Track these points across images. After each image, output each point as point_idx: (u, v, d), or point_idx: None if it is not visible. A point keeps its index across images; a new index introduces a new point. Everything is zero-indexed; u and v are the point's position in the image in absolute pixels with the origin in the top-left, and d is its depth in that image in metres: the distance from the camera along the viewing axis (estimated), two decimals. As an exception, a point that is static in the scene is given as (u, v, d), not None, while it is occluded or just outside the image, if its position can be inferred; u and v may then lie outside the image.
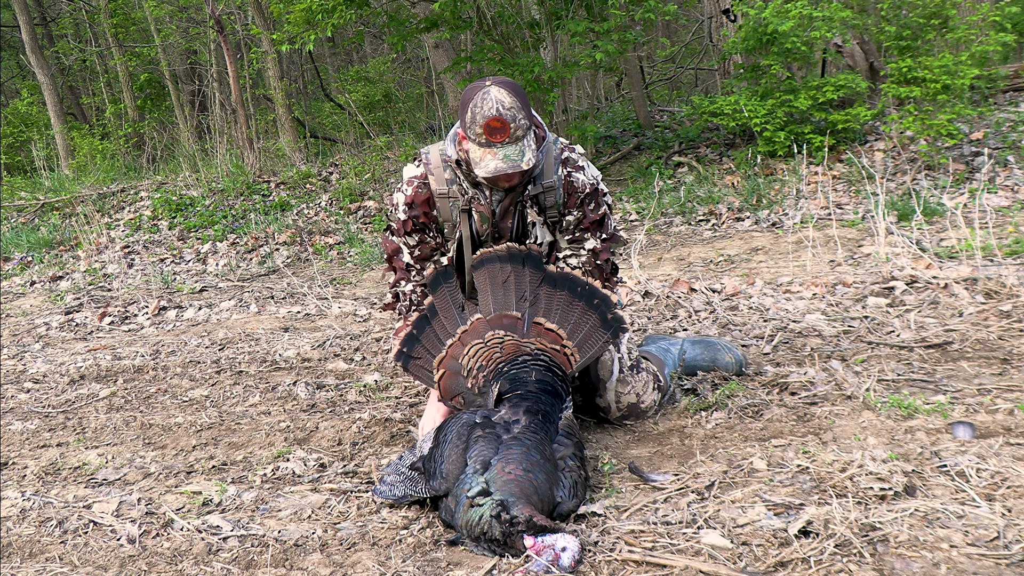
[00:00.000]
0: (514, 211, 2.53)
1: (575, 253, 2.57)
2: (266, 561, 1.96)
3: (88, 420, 3.20)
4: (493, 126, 2.27)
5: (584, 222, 2.54)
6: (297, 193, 8.38)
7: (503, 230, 2.55)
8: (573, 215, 2.54)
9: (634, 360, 2.66)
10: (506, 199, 2.51)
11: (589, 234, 2.55)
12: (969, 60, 5.89)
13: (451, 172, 2.52)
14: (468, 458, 2.05)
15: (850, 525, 1.78)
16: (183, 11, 13.73)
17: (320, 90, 14.28)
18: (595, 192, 2.54)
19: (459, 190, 2.52)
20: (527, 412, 2.17)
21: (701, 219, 6.08)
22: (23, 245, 7.76)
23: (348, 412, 3.03)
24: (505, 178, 2.41)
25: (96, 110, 15.31)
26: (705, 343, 2.99)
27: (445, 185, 2.52)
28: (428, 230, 2.58)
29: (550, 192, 2.50)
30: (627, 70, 9.24)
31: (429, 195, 2.54)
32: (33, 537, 2.18)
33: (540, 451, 2.06)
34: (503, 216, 2.53)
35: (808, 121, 6.67)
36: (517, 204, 2.52)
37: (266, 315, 4.93)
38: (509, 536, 1.85)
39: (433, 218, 2.57)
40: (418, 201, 2.55)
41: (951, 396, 2.52)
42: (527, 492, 1.93)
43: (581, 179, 2.52)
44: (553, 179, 2.49)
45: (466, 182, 2.51)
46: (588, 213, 2.53)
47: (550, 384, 2.30)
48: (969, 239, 4.05)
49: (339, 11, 7.72)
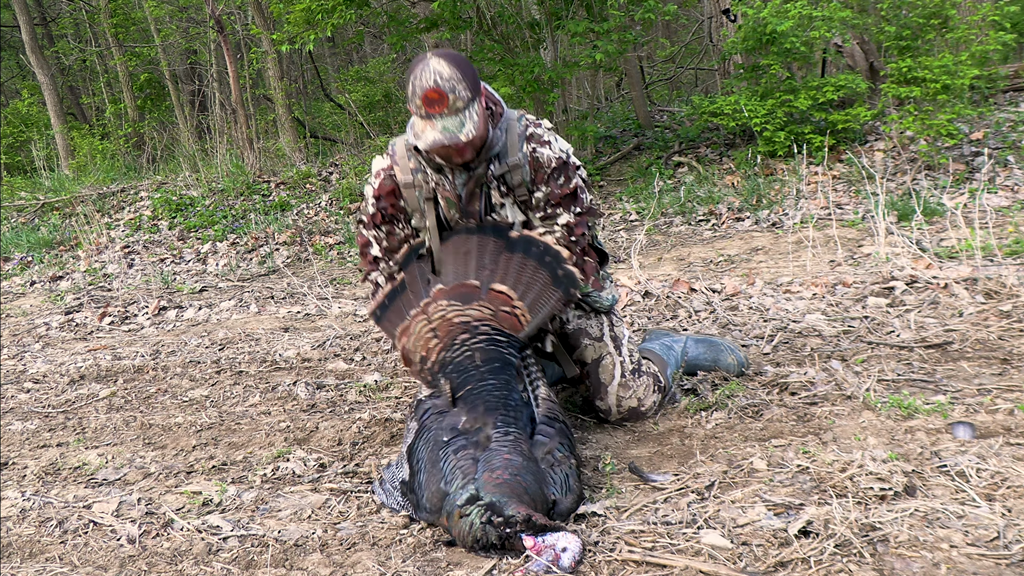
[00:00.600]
0: (480, 193, 2.48)
1: (549, 230, 2.48)
2: (266, 561, 1.96)
3: (88, 420, 3.20)
4: (431, 97, 2.23)
5: (554, 197, 2.46)
6: (297, 193, 8.38)
7: (471, 214, 2.50)
8: (542, 191, 2.46)
9: (636, 363, 2.65)
10: (470, 182, 2.45)
11: (562, 208, 2.47)
12: (969, 60, 5.90)
13: (415, 161, 2.49)
14: (448, 483, 1.99)
15: (850, 525, 1.78)
16: (183, 11, 13.73)
17: (320, 90, 14.28)
18: (564, 165, 2.46)
19: (423, 178, 2.49)
20: (488, 411, 2.12)
21: (701, 219, 6.08)
22: (23, 245, 7.76)
23: (348, 412, 3.03)
24: (446, 151, 2.35)
25: (96, 110, 15.30)
26: (708, 343, 2.98)
27: (410, 175, 2.49)
28: (397, 221, 2.55)
29: (516, 170, 2.44)
30: (627, 70, 9.24)
31: (394, 186, 2.52)
32: (33, 537, 2.18)
33: (520, 452, 2.01)
34: (469, 200, 2.48)
35: (808, 121, 6.67)
36: (482, 186, 2.47)
37: (266, 315, 4.93)
38: (507, 539, 1.82)
39: (401, 209, 2.54)
40: (384, 193, 2.53)
41: (951, 396, 2.52)
42: (518, 493, 1.90)
43: (547, 153, 2.45)
44: (518, 157, 2.43)
45: (429, 167, 2.48)
46: (556, 188, 2.45)
47: (498, 358, 2.24)
48: (969, 239, 4.06)
49: (339, 11, 7.73)
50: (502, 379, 2.21)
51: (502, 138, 2.45)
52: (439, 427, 2.16)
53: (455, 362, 2.26)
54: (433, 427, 2.18)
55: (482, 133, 2.37)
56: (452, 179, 2.47)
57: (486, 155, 2.43)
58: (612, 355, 2.61)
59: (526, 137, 2.46)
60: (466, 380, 2.22)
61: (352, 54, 16.34)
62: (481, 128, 2.35)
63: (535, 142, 2.46)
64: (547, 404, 2.27)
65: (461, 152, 2.36)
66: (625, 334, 2.68)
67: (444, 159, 2.41)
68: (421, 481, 2.08)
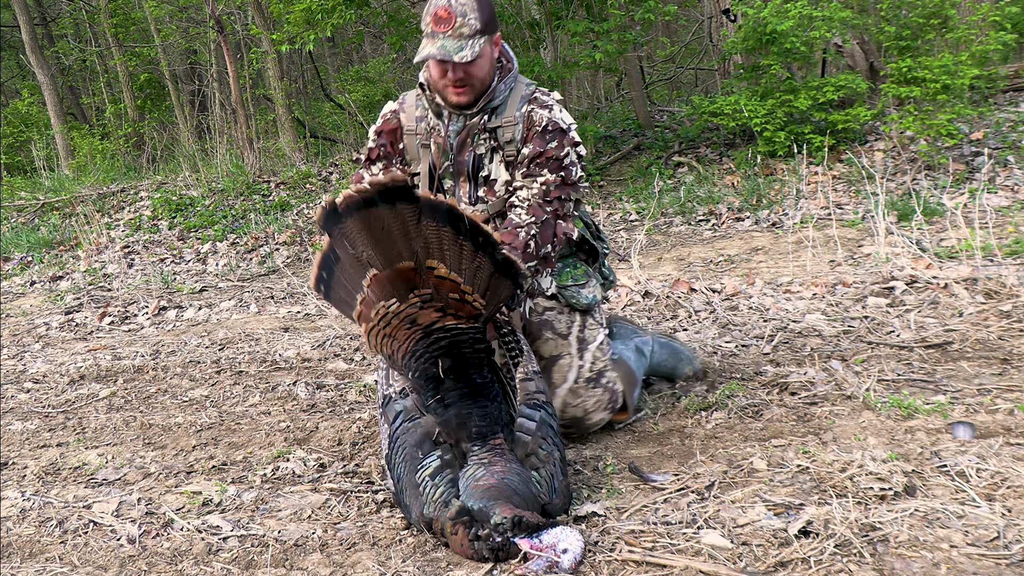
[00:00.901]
0: (471, 143, 2.45)
1: (527, 186, 2.39)
2: (266, 561, 1.96)
3: (88, 420, 3.20)
4: (439, 15, 2.26)
5: (541, 156, 2.38)
6: (297, 193, 8.38)
7: (460, 165, 2.47)
8: (529, 148, 2.40)
9: (595, 373, 2.50)
10: (463, 131, 2.43)
11: (546, 170, 2.38)
12: (969, 60, 5.90)
13: (422, 109, 2.50)
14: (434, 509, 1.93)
15: (850, 525, 1.78)
16: (183, 11, 13.73)
17: (320, 90, 14.27)
18: (559, 131, 2.39)
19: (425, 127, 2.49)
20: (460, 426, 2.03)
21: (701, 219, 6.08)
22: (23, 245, 7.76)
23: (348, 412, 3.03)
24: (439, 69, 2.32)
25: (96, 110, 15.31)
26: (671, 349, 2.89)
27: (414, 122, 2.51)
28: (391, 160, 2.54)
29: (509, 127, 2.41)
30: (627, 70, 9.23)
31: (397, 127, 2.53)
32: (33, 537, 2.18)
33: (501, 455, 1.96)
34: (460, 149, 2.46)
35: (808, 121, 6.67)
36: (474, 138, 2.44)
37: (266, 315, 4.93)
38: (501, 549, 1.78)
39: (399, 151, 2.54)
40: (386, 130, 2.54)
41: (951, 396, 2.52)
42: (506, 495, 1.86)
43: (543, 114, 2.40)
44: (514, 115, 2.42)
45: (430, 109, 2.47)
46: (543, 147, 2.37)
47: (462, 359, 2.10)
48: (969, 239, 4.06)
49: (339, 11, 7.73)
50: (474, 383, 2.10)
51: (504, 93, 2.43)
52: (413, 440, 2.06)
53: (422, 368, 2.13)
54: (407, 441, 2.08)
55: (484, 72, 2.36)
56: (447, 126, 2.45)
57: (485, 103, 2.41)
58: (572, 356, 2.50)
59: (528, 99, 2.44)
60: (434, 391, 2.10)
61: (352, 54, 16.34)
62: (484, 66, 2.34)
63: (535, 104, 2.43)
64: (526, 386, 2.16)
65: (456, 79, 2.32)
66: (596, 339, 2.55)
67: (440, 93, 2.40)
68: (406, 502, 2.03)
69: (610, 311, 3.96)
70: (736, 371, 2.97)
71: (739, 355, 3.16)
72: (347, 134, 11.15)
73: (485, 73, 2.36)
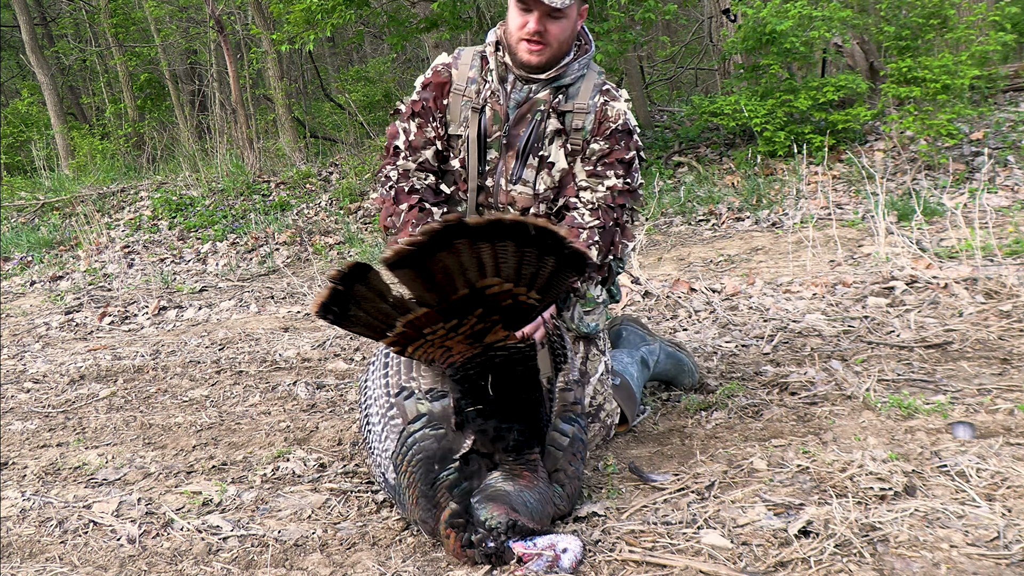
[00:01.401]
0: (531, 119, 2.34)
1: (592, 188, 2.32)
2: (266, 561, 1.96)
3: (88, 420, 3.20)
4: None
5: (610, 156, 2.31)
6: (297, 193, 8.38)
7: (513, 138, 2.35)
8: (600, 144, 2.32)
9: (596, 407, 2.43)
10: (525, 104, 2.33)
11: (612, 171, 2.31)
12: (969, 60, 5.90)
13: (476, 71, 2.38)
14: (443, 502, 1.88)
15: (850, 525, 1.78)
16: (183, 11, 13.74)
17: (320, 90, 14.28)
18: (627, 132, 2.33)
19: (476, 89, 2.37)
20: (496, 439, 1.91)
21: (701, 219, 6.08)
22: (23, 245, 7.76)
23: (348, 412, 3.03)
24: (523, 20, 2.22)
25: (96, 110, 15.31)
26: (676, 360, 2.86)
27: (465, 82, 2.38)
28: (431, 118, 2.40)
29: (580, 114, 2.32)
30: (627, 70, 9.24)
31: (447, 81, 2.39)
32: (33, 537, 2.18)
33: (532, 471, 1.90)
34: (517, 123, 2.34)
35: (808, 121, 6.68)
36: (536, 113, 2.33)
37: (266, 315, 4.93)
38: (495, 554, 1.76)
39: (441, 107, 2.40)
40: (435, 82, 2.40)
41: (951, 396, 2.52)
42: (515, 504, 1.82)
43: (618, 108, 2.34)
44: (587, 103, 2.32)
45: (496, 73, 2.35)
46: (616, 148, 2.32)
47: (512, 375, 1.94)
48: (969, 239, 4.06)
49: (339, 11, 7.73)
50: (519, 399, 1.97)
51: (579, 74, 2.34)
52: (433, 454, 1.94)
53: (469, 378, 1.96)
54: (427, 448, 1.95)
55: (566, 35, 2.26)
56: (508, 94, 2.35)
57: (556, 75, 2.31)
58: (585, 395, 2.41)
59: (601, 89, 2.36)
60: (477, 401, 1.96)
61: (352, 54, 16.35)
62: (567, 29, 2.26)
63: (609, 96, 2.36)
64: (564, 397, 2.08)
65: (535, 31, 2.22)
66: (598, 371, 2.47)
67: (514, 48, 2.29)
68: (414, 509, 1.96)
69: (610, 310, 3.96)
70: (736, 371, 2.97)
71: (739, 355, 3.16)
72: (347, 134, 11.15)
73: (566, 37, 2.26)
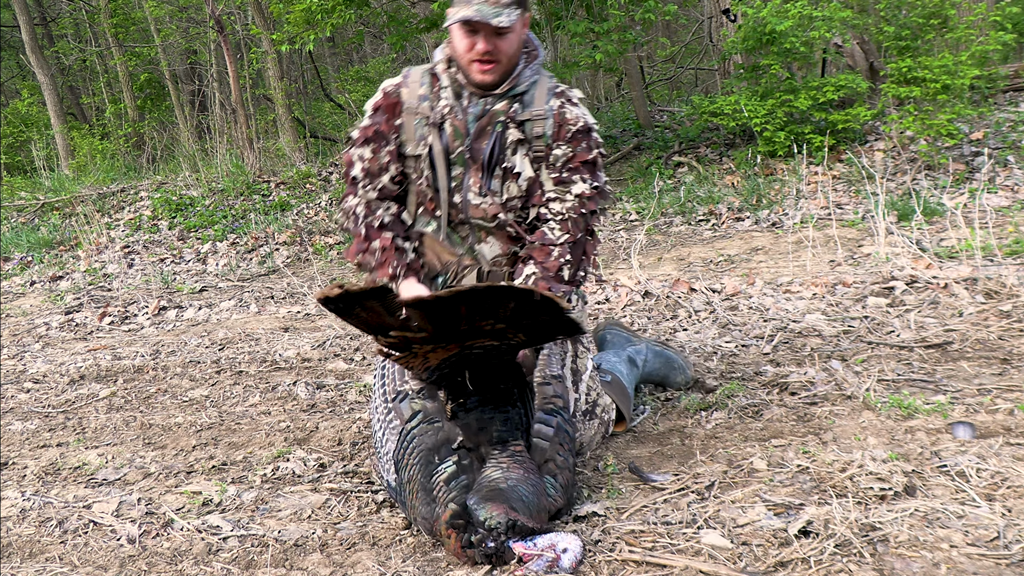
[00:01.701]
0: (492, 132, 2.32)
1: (560, 197, 2.32)
2: (266, 561, 1.96)
3: (88, 420, 3.20)
4: None
5: (574, 160, 2.33)
6: (297, 193, 8.38)
7: (476, 152, 2.33)
8: (562, 149, 2.33)
9: (591, 404, 2.43)
10: (484, 117, 2.32)
11: (578, 176, 2.33)
12: (969, 60, 5.90)
13: (428, 88, 2.36)
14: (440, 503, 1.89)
15: (850, 525, 1.78)
16: (183, 11, 13.74)
17: (320, 90, 14.28)
18: (588, 131, 2.35)
19: (430, 106, 2.36)
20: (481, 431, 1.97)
21: (701, 219, 6.08)
22: (23, 245, 7.76)
23: (348, 412, 3.03)
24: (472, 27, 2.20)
25: (96, 110, 15.31)
26: (665, 358, 2.86)
27: (417, 100, 2.36)
28: (385, 141, 2.39)
29: (539, 121, 2.32)
30: (627, 70, 9.24)
31: (398, 102, 2.38)
32: (33, 537, 2.18)
33: (520, 464, 1.92)
34: (478, 136, 2.33)
35: (808, 121, 6.68)
36: (496, 124, 2.32)
37: (266, 315, 4.93)
38: (495, 554, 1.76)
39: (395, 128, 2.39)
40: (385, 105, 2.41)
41: (951, 396, 2.52)
42: (511, 500, 1.82)
43: (575, 112, 2.34)
44: (544, 109, 2.32)
45: (450, 89, 2.34)
46: (579, 150, 2.33)
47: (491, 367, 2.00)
48: (969, 239, 4.06)
49: (339, 11, 7.74)
50: (497, 389, 2.03)
51: (531, 81, 2.34)
52: (432, 444, 2.00)
53: (446, 377, 2.04)
54: (425, 443, 2.01)
55: (513, 49, 2.25)
56: (465, 108, 2.34)
57: (510, 87, 2.31)
58: (568, 390, 2.40)
59: (555, 92, 2.36)
60: (458, 394, 2.04)
61: (352, 54, 16.35)
62: (515, 43, 2.25)
63: (565, 98, 2.36)
64: (543, 391, 2.14)
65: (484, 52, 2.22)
66: (588, 368, 2.47)
67: (465, 69, 2.28)
68: (414, 504, 1.98)
69: (609, 311, 3.96)
70: (736, 371, 2.97)
71: (739, 355, 3.16)
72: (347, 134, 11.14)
73: (514, 51, 2.26)
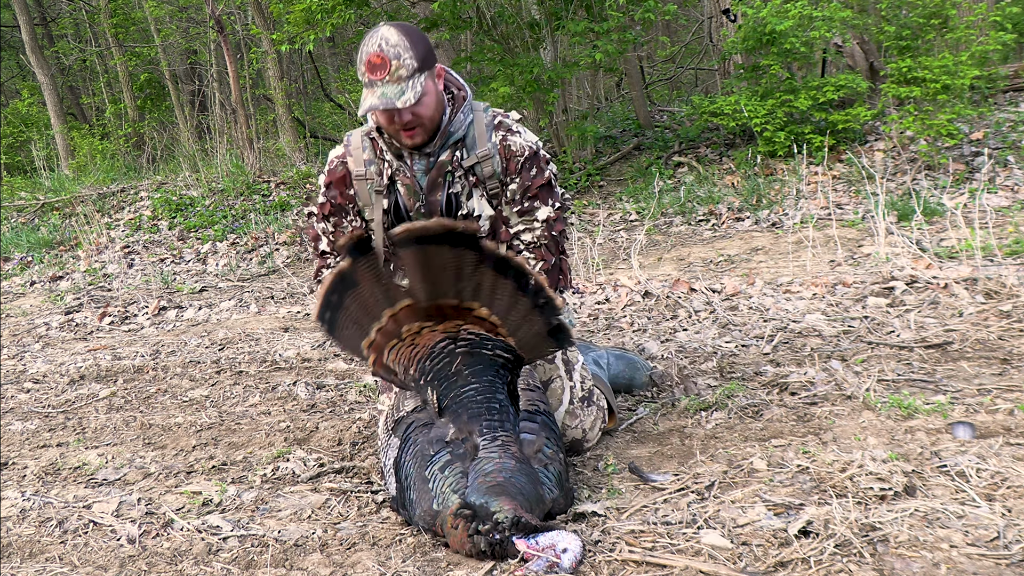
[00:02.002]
0: (444, 183, 2.37)
1: (528, 227, 2.37)
2: (266, 561, 1.96)
3: (88, 420, 3.20)
4: (373, 63, 2.17)
5: (531, 188, 2.36)
6: (297, 193, 8.38)
7: (432, 205, 2.38)
8: (516, 182, 2.36)
9: (586, 391, 2.47)
10: (432, 170, 2.36)
11: (539, 202, 2.36)
12: (969, 60, 5.90)
13: (371, 152, 2.41)
14: (440, 503, 1.92)
15: (850, 525, 1.78)
16: (183, 11, 13.74)
17: (320, 90, 14.28)
18: (535, 156, 2.37)
19: (376, 170, 2.41)
20: (472, 418, 2.02)
21: (701, 219, 6.08)
22: (23, 245, 7.76)
23: (348, 412, 3.03)
24: (386, 117, 2.25)
25: (96, 110, 15.31)
26: (627, 360, 2.88)
27: (363, 166, 2.41)
28: (344, 213, 2.45)
29: (486, 161, 2.35)
30: (627, 70, 9.24)
31: (346, 174, 2.42)
32: (33, 537, 2.18)
33: (510, 455, 1.95)
34: (431, 189, 2.37)
35: (808, 121, 6.67)
36: (446, 176, 2.36)
37: (266, 315, 4.93)
38: (498, 545, 1.78)
39: (351, 198, 2.44)
40: (334, 179, 2.45)
41: (951, 396, 2.52)
42: (510, 493, 1.85)
43: (518, 141, 2.36)
44: (488, 147, 2.35)
45: (390, 152, 2.38)
46: (529, 179, 2.35)
47: (479, 361, 2.09)
48: (969, 239, 4.06)
49: (338, 11, 7.73)
50: (484, 381, 2.09)
51: (465, 123, 2.36)
52: (425, 440, 2.07)
53: (435, 370, 2.12)
54: (419, 440, 2.09)
55: (432, 109, 2.27)
56: (411, 166, 2.37)
57: (443, 139, 2.34)
58: (562, 379, 2.45)
59: (494, 126, 2.38)
60: (448, 388, 2.10)
61: (352, 54, 16.33)
62: (431, 104, 2.26)
63: (504, 130, 2.38)
64: (527, 395, 2.19)
65: (405, 123, 2.24)
66: (579, 359, 2.52)
67: (394, 137, 2.32)
68: (412, 498, 2.02)
69: (609, 311, 3.96)
70: (736, 371, 2.97)
71: (739, 355, 3.16)
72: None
73: (433, 111, 2.28)
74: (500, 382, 2.11)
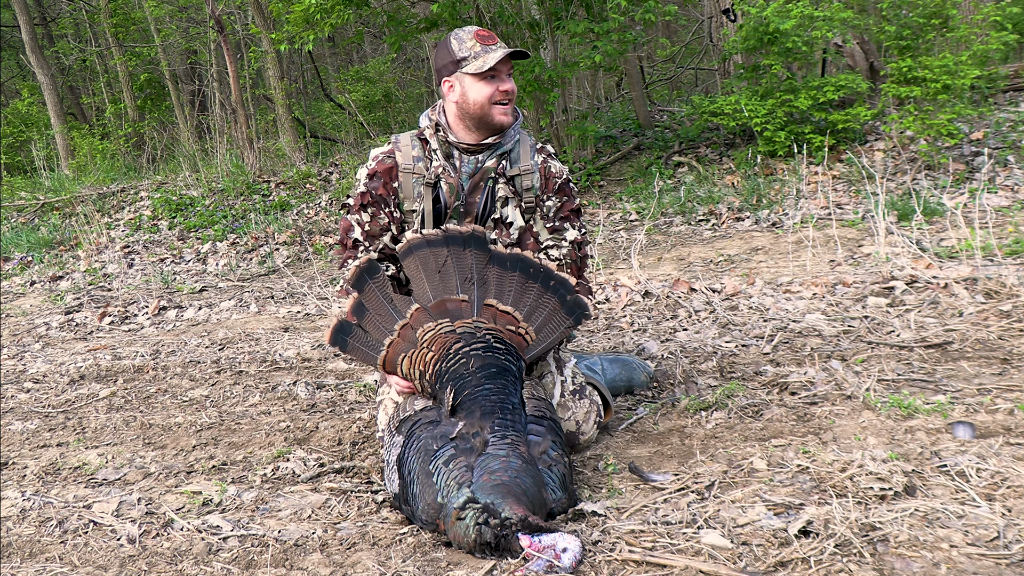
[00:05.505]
0: (484, 187, 2.54)
1: (557, 244, 2.56)
2: (266, 561, 1.96)
3: (88, 420, 3.20)
4: (483, 33, 2.47)
5: (563, 209, 2.58)
6: (297, 193, 8.39)
7: (470, 206, 2.54)
8: (552, 201, 2.57)
9: (578, 385, 2.54)
10: (476, 174, 2.53)
11: (569, 224, 2.58)
12: (969, 60, 5.90)
13: (419, 150, 2.56)
14: (444, 495, 1.94)
15: (850, 525, 1.78)
16: (183, 11, 13.73)
17: (320, 90, 14.28)
18: (568, 183, 2.61)
19: (424, 167, 2.54)
20: (485, 415, 2.09)
21: (701, 219, 6.08)
22: (23, 245, 7.77)
23: (348, 412, 3.03)
24: (492, 89, 2.47)
25: (96, 110, 15.31)
26: (622, 362, 2.93)
27: (411, 161, 2.56)
28: (384, 203, 2.56)
29: (527, 175, 2.55)
30: (627, 70, 9.23)
31: (393, 166, 2.56)
32: (33, 537, 2.18)
33: (518, 455, 1.98)
34: (472, 191, 2.54)
35: (808, 121, 6.67)
36: (488, 180, 2.54)
37: (266, 315, 4.93)
38: (503, 539, 1.80)
39: (393, 190, 2.56)
40: (381, 171, 2.56)
41: (951, 396, 2.52)
42: (516, 494, 1.87)
43: (557, 166, 2.60)
44: (530, 163, 2.56)
45: (440, 152, 2.54)
46: (566, 200, 2.58)
47: (493, 363, 2.21)
48: (969, 239, 4.06)
49: (338, 11, 7.73)
50: (499, 383, 2.18)
51: (514, 139, 2.57)
52: (430, 436, 2.11)
53: (451, 370, 2.22)
54: (423, 436, 2.13)
55: (511, 137, 2.55)
56: (458, 167, 2.54)
57: (496, 144, 2.54)
58: (553, 374, 2.53)
59: (537, 149, 2.61)
60: (463, 386, 2.18)
61: (352, 54, 16.35)
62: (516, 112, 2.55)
63: (545, 154, 2.61)
64: (533, 402, 2.25)
65: (508, 91, 2.47)
66: (571, 360, 2.61)
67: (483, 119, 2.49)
68: (415, 492, 2.04)
69: (610, 311, 3.96)
70: (736, 371, 2.97)
71: (739, 355, 3.16)
72: (347, 134, 11.15)
73: None
74: (513, 387, 2.21)
